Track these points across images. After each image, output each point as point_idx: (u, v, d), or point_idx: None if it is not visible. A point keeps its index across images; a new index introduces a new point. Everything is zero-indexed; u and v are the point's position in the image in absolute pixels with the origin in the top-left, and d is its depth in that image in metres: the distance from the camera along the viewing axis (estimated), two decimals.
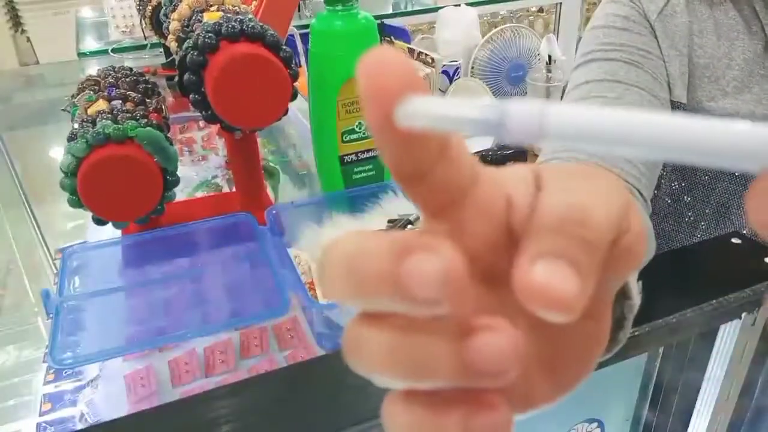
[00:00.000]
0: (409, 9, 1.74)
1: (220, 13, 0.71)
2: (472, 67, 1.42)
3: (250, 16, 0.71)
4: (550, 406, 0.21)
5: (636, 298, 0.27)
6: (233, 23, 0.64)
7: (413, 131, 0.15)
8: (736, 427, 0.52)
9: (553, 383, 0.21)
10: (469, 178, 0.18)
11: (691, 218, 0.64)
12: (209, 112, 0.64)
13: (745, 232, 0.56)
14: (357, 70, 0.15)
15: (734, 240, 0.50)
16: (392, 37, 1.40)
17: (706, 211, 0.66)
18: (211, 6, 0.75)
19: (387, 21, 1.46)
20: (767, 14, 0.55)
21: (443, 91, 1.34)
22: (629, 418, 0.55)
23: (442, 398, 0.16)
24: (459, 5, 1.53)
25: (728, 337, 0.48)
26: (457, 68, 1.36)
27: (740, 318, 0.47)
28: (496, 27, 1.46)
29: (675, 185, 0.68)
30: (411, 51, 1.33)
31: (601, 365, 0.23)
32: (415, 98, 0.15)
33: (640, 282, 0.28)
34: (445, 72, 1.35)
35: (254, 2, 0.87)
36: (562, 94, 0.74)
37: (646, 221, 0.48)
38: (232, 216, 0.70)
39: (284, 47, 0.65)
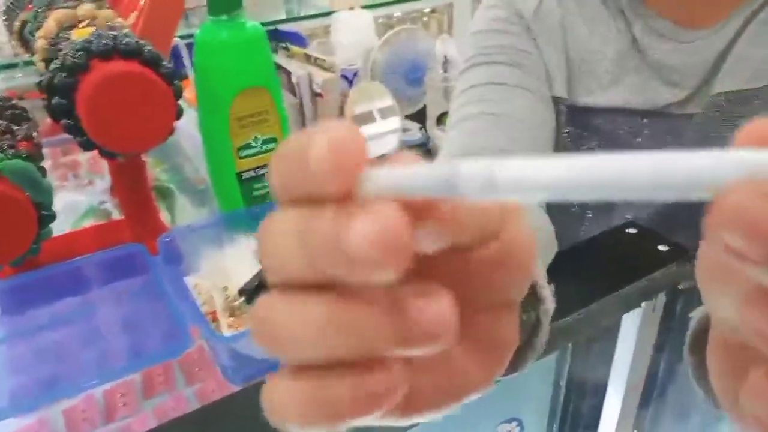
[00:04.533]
0: (303, 14, 1.71)
1: (92, 29, 0.66)
2: (371, 70, 1.42)
3: (126, 30, 0.66)
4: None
5: (550, 303, 0.28)
6: (105, 40, 0.59)
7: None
8: (642, 416, 0.54)
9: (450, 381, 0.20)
10: None
11: (577, 209, 0.65)
12: (84, 138, 0.59)
13: (628, 216, 0.58)
14: (311, 149, 0.15)
15: (629, 230, 0.52)
16: (288, 43, 1.37)
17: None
18: (81, 22, 0.69)
19: (281, 27, 1.43)
20: (631, 11, 0.57)
21: (344, 96, 1.33)
22: (545, 415, 0.56)
23: (332, 367, 0.16)
24: (353, 8, 1.52)
25: (631, 326, 0.49)
26: (356, 72, 1.35)
27: (641, 307, 0.48)
28: (392, 29, 1.46)
29: None
30: (308, 56, 1.30)
31: None
32: (374, 171, 0.15)
33: (552, 286, 0.28)
34: (344, 76, 1.33)
35: (133, 15, 0.82)
36: None
37: (543, 224, 0.48)
38: (122, 248, 0.65)
39: (164, 63, 0.61)
